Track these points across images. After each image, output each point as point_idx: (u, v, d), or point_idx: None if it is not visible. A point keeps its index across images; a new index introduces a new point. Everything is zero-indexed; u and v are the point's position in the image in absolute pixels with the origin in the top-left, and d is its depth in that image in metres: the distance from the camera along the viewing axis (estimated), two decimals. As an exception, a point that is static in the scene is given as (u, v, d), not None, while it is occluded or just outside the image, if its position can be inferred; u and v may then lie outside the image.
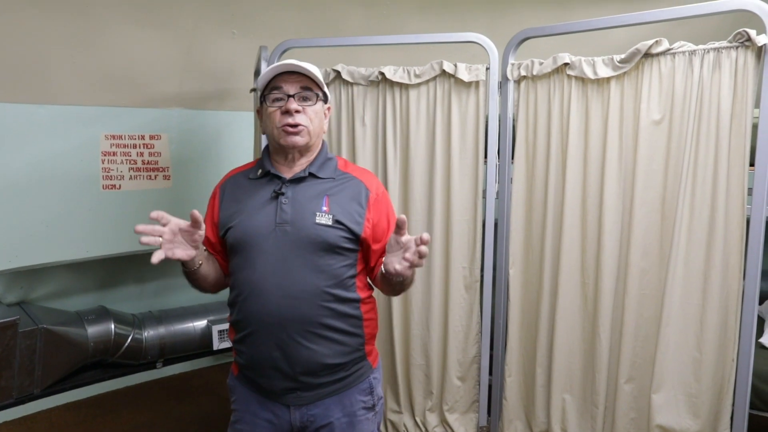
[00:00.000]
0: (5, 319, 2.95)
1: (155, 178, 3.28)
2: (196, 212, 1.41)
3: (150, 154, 3.24)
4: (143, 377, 3.56)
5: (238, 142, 3.40)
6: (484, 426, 2.56)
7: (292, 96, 1.51)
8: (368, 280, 1.64)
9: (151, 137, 3.24)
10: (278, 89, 1.52)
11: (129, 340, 3.42)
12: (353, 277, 1.55)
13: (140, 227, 1.37)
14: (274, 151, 1.59)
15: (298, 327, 1.48)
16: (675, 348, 2.10)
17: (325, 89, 1.59)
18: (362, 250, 1.56)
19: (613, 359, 2.24)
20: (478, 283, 2.51)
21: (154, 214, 1.40)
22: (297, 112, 1.50)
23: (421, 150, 2.50)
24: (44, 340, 3.07)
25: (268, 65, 2.53)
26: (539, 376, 2.40)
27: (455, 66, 2.37)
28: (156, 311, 3.70)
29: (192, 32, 3.00)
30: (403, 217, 1.35)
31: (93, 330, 3.30)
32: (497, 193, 2.45)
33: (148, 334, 3.51)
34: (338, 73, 2.49)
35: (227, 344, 3.70)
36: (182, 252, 1.43)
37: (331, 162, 1.60)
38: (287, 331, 1.48)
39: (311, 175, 1.55)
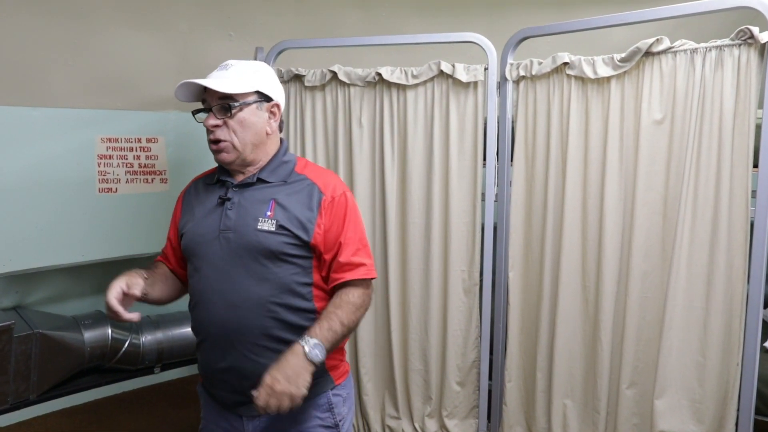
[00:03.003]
0: (0, 324, 2.92)
1: (152, 181, 3.26)
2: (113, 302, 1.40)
3: (147, 157, 3.22)
4: (141, 383, 3.53)
5: (236, 145, 3.38)
6: (484, 432, 2.53)
7: (211, 110, 1.44)
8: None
9: (148, 140, 3.22)
10: (205, 102, 1.47)
11: (126, 345, 3.39)
12: (307, 285, 1.46)
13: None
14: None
15: (242, 338, 1.42)
16: (678, 352, 2.06)
17: (261, 87, 1.46)
18: (317, 257, 1.47)
19: (614, 364, 2.20)
20: (478, 287, 2.48)
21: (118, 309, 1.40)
22: (216, 126, 1.43)
23: (419, 152, 2.47)
24: (40, 345, 3.05)
25: (264, 66, 2.50)
26: (540, 381, 2.36)
27: (453, 66, 2.35)
28: (153, 316, 3.67)
29: (188, 35, 2.99)
30: None
31: (90, 335, 3.27)
32: (496, 195, 2.42)
33: (146, 339, 3.48)
34: (335, 74, 2.46)
35: (225, 349, 3.67)
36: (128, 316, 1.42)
37: (286, 165, 1.52)
38: (232, 342, 1.43)
39: (260, 180, 1.48)
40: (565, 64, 2.18)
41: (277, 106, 1.51)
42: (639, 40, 2.03)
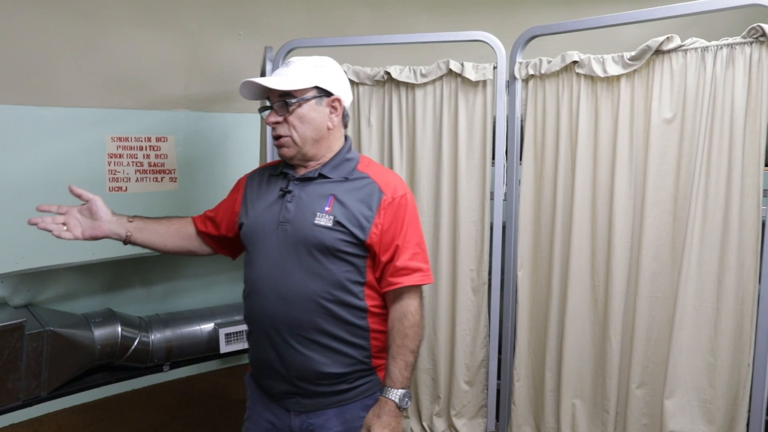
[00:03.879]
0: (12, 322, 2.95)
1: (162, 180, 3.27)
2: (75, 188, 1.56)
3: (156, 156, 3.24)
4: (150, 380, 3.56)
5: (245, 144, 3.39)
6: (492, 431, 2.52)
7: (272, 107, 1.47)
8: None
9: (158, 139, 3.23)
10: (269, 99, 1.50)
11: (136, 342, 3.41)
12: (360, 284, 1.46)
13: (33, 219, 1.56)
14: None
15: (291, 331, 1.44)
16: (688, 352, 2.04)
17: (320, 83, 1.47)
18: (371, 256, 1.46)
19: (624, 363, 2.19)
20: (486, 286, 2.47)
21: (42, 207, 1.55)
22: (277, 123, 1.46)
23: (427, 151, 2.47)
24: (51, 343, 3.07)
25: (273, 66, 2.51)
26: (548, 380, 2.35)
27: (462, 65, 2.34)
28: (163, 314, 3.69)
29: (197, 34, 3.00)
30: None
31: (100, 333, 3.29)
32: (505, 194, 2.41)
33: (155, 337, 3.50)
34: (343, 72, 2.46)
35: (234, 347, 3.69)
36: (89, 233, 1.58)
37: (349, 163, 1.51)
38: (281, 334, 1.45)
39: (321, 175, 1.49)
40: (575, 62, 2.17)
41: (338, 100, 1.50)
42: (649, 38, 2.02)
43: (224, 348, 3.66)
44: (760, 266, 1.93)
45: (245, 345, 3.69)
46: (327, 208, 1.43)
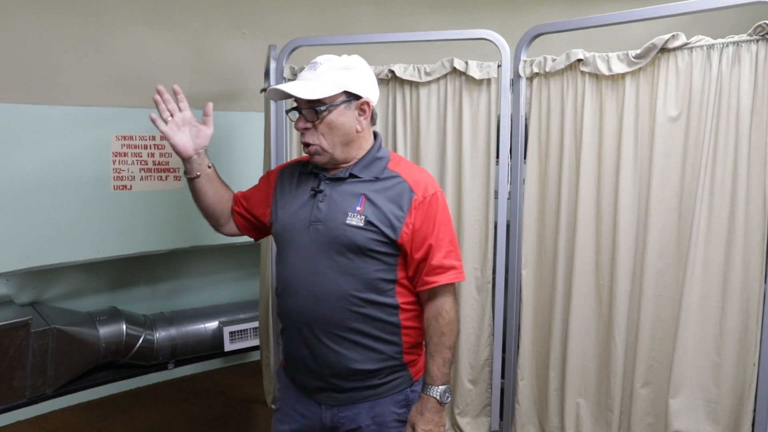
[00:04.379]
0: (18, 319, 2.97)
1: (166, 178, 3.28)
2: (210, 105, 1.53)
3: (161, 155, 3.24)
4: (155, 378, 3.56)
5: (249, 143, 3.39)
6: (496, 430, 2.52)
7: (302, 113, 1.46)
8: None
9: (162, 138, 3.21)
10: (297, 101, 1.49)
11: (140, 340, 3.42)
12: (391, 282, 1.48)
13: (158, 97, 1.52)
14: None
15: (323, 328, 1.46)
16: (693, 351, 2.04)
17: (349, 87, 1.45)
18: (403, 255, 1.47)
19: (628, 362, 2.19)
20: (490, 285, 2.47)
21: (160, 87, 1.52)
22: (306, 129, 1.46)
23: (431, 149, 2.46)
24: (56, 341, 3.08)
25: (277, 64, 2.51)
26: (553, 379, 2.35)
27: (466, 63, 2.34)
28: (167, 312, 3.70)
29: (202, 32, 3.00)
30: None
31: (105, 330, 3.30)
32: (509, 193, 2.41)
33: (160, 335, 3.51)
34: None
35: (238, 346, 3.70)
36: (180, 139, 1.54)
37: (379, 162, 1.51)
38: (314, 332, 1.47)
39: (352, 175, 1.49)
40: (579, 60, 2.17)
41: (367, 103, 1.48)
42: (655, 36, 2.01)
43: (228, 346, 3.66)
44: (766, 265, 1.92)
45: (249, 343, 3.70)
46: (358, 208, 1.44)
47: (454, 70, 2.37)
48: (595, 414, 2.29)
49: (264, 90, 2.63)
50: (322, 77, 1.44)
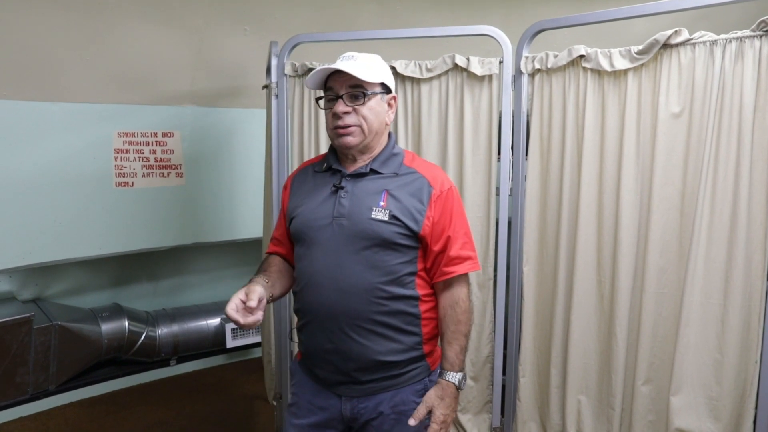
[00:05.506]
0: (20, 316, 2.98)
1: (168, 175, 3.28)
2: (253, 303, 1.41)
3: (163, 152, 3.25)
4: (157, 375, 3.58)
5: (251, 140, 3.40)
6: (497, 427, 2.52)
7: (341, 96, 1.49)
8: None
9: (164, 134, 3.24)
10: (330, 90, 1.53)
11: (143, 337, 3.43)
12: (412, 274, 1.53)
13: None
14: (338, 150, 1.58)
15: (349, 321, 1.48)
16: (695, 349, 2.03)
17: (385, 80, 1.54)
18: (423, 247, 1.53)
19: (630, 360, 2.18)
20: (492, 282, 2.46)
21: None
22: (345, 113, 1.49)
23: (433, 146, 2.46)
24: (59, 337, 3.09)
25: (278, 61, 2.51)
26: (554, 376, 2.35)
27: (468, 59, 2.33)
28: (169, 309, 3.71)
29: (204, 29, 3.00)
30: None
31: (107, 327, 3.32)
32: (511, 189, 2.39)
33: (162, 331, 3.52)
34: None
35: (240, 342, 3.71)
36: (252, 319, 1.42)
37: (396, 158, 1.57)
38: (339, 324, 1.49)
39: (372, 170, 1.54)
40: (581, 56, 2.15)
41: (395, 99, 1.59)
42: (657, 32, 2.00)
43: (230, 343, 3.67)
44: (769, 262, 1.91)
45: (251, 340, 3.71)
46: (382, 203, 1.49)
47: (456, 66, 2.36)
48: (597, 411, 2.29)
49: (266, 87, 2.62)
50: (363, 65, 1.50)
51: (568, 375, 2.29)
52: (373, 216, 1.47)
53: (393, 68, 2.41)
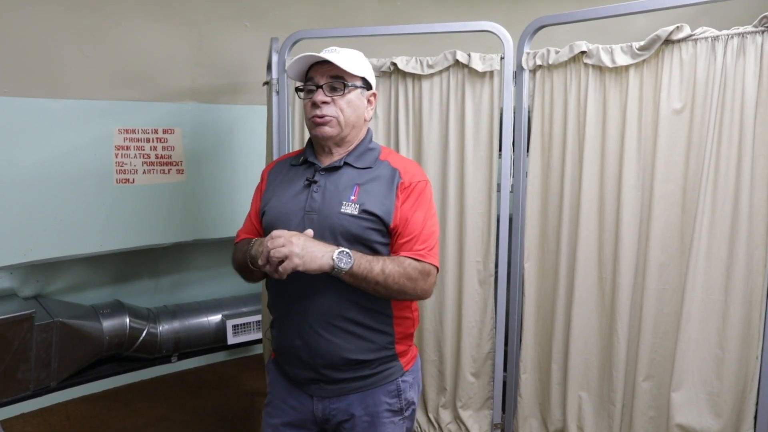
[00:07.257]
0: (22, 312, 2.98)
1: (169, 172, 3.28)
2: None
3: (163, 148, 3.25)
4: (158, 371, 3.58)
5: (252, 136, 3.39)
6: (498, 423, 2.52)
7: (321, 87, 1.49)
8: None
9: (165, 131, 3.24)
10: (310, 80, 1.52)
11: (144, 334, 3.44)
12: None
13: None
14: (315, 141, 1.58)
15: (318, 318, 1.47)
16: (696, 345, 2.03)
17: (366, 75, 1.55)
18: (393, 242, 1.50)
19: (631, 356, 2.18)
20: (493, 278, 2.46)
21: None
22: (324, 103, 1.49)
23: (434, 142, 2.45)
24: (60, 334, 3.10)
25: (279, 57, 2.50)
26: (555, 372, 2.35)
27: (469, 56, 2.32)
28: (171, 305, 3.72)
29: (204, 26, 3.00)
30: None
31: (108, 324, 3.32)
32: (512, 186, 2.39)
33: (163, 328, 3.52)
34: None
35: (241, 339, 3.71)
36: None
37: (372, 152, 1.56)
38: (308, 321, 1.48)
39: (347, 164, 1.53)
40: (583, 52, 2.15)
41: (374, 95, 1.59)
42: (659, 28, 1.99)
43: (232, 339, 3.67)
44: (770, 258, 1.91)
45: (252, 336, 3.71)
46: (353, 197, 1.47)
47: (457, 62, 2.35)
48: (597, 407, 2.29)
49: (266, 83, 2.62)
50: (347, 59, 1.51)
51: (569, 371, 2.30)
52: (342, 210, 1.45)
53: (394, 64, 2.41)
